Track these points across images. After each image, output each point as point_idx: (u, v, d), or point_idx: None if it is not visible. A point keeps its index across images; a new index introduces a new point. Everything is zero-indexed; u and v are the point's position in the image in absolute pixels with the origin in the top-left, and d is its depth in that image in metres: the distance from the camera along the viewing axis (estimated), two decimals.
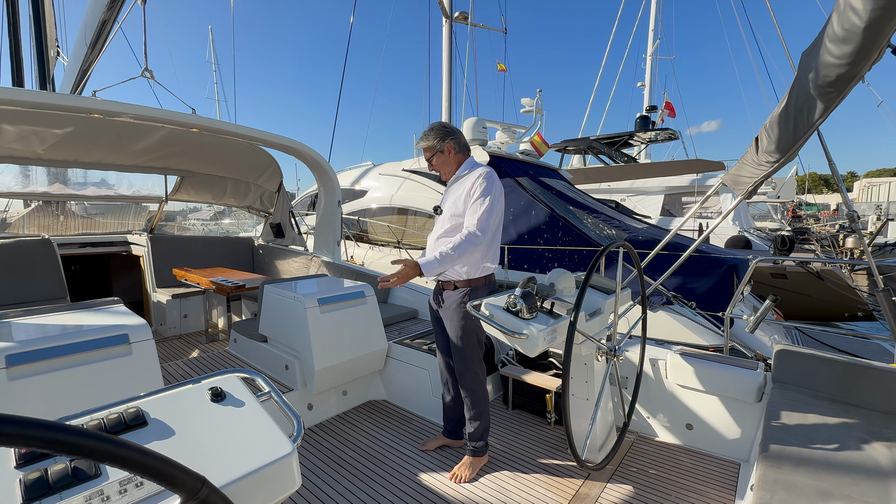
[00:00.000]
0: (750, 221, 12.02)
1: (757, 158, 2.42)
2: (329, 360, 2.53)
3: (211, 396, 0.92)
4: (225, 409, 0.90)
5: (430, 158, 2.17)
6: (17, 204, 7.59)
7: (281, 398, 1.00)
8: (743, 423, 2.20)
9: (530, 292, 1.74)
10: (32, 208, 6.87)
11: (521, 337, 1.63)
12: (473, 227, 1.96)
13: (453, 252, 1.93)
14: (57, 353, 1.62)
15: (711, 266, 4.63)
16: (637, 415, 2.49)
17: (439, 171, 2.20)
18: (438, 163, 2.17)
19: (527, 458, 2.25)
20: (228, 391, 0.94)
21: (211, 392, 0.92)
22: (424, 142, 2.17)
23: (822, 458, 1.46)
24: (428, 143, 2.15)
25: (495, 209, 2.02)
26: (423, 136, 2.18)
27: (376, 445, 2.36)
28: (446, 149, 2.13)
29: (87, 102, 2.77)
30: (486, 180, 2.02)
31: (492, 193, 2.00)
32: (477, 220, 1.96)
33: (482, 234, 1.96)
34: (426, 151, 2.18)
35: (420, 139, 2.19)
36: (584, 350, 2.01)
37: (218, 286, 3.51)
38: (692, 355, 2.37)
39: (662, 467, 2.14)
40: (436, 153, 2.15)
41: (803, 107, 1.86)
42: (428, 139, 2.15)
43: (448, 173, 2.18)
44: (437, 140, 2.13)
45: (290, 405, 0.99)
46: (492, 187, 2.01)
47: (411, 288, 3.81)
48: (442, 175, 2.21)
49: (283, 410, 0.98)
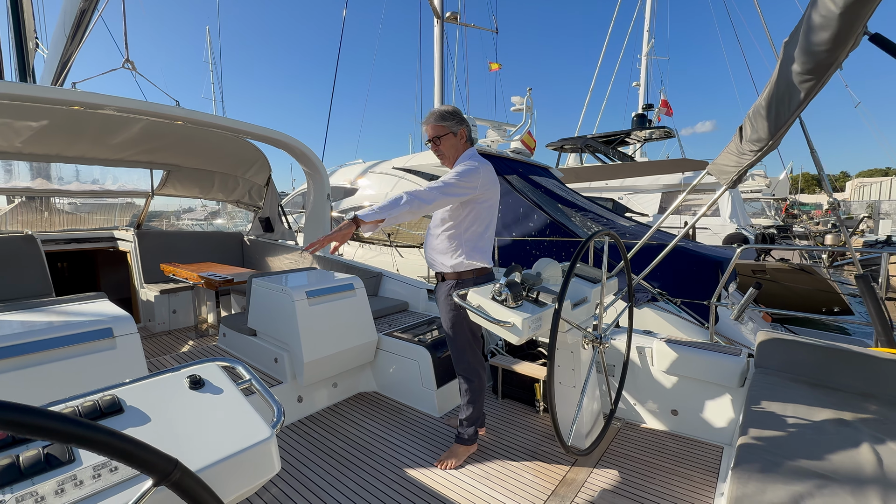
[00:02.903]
0: (747, 219, 12.14)
1: (741, 147, 2.46)
2: (318, 352, 2.53)
3: (189, 384, 0.91)
4: (203, 397, 0.90)
5: (440, 137, 2.04)
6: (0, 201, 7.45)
7: (262, 385, 1.00)
8: (726, 407, 2.23)
9: (515, 281, 1.75)
10: (16, 205, 6.75)
11: (506, 325, 1.64)
12: (424, 188, 1.87)
13: (390, 202, 1.80)
14: (39, 347, 1.59)
15: (696, 263, 4.70)
16: (624, 402, 2.52)
17: (442, 155, 2.08)
18: (447, 146, 2.06)
19: (515, 446, 2.26)
20: (207, 379, 0.94)
21: (189, 380, 0.92)
22: (442, 121, 2.03)
23: (799, 440, 1.49)
24: (445, 122, 2.03)
25: (458, 187, 1.91)
26: (441, 115, 2.04)
27: (365, 435, 2.36)
28: (460, 133, 2.07)
29: (66, 94, 2.72)
30: (468, 164, 1.97)
31: (463, 172, 1.93)
32: (430, 185, 1.88)
33: (427, 198, 1.84)
34: (438, 129, 2.04)
35: (435, 117, 2.04)
36: (571, 338, 2.02)
37: (206, 281, 3.48)
38: (677, 342, 2.40)
39: (648, 452, 2.17)
40: (449, 134, 2.04)
41: (784, 95, 1.89)
42: (445, 119, 2.04)
43: (451, 159, 2.08)
44: (455, 122, 2.05)
45: (270, 392, 0.99)
46: (468, 170, 1.94)
47: (402, 280, 3.81)
48: (443, 161, 2.11)
49: (263, 397, 0.98)
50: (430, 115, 2.08)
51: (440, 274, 2.14)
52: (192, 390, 0.90)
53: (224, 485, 0.78)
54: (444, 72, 10.06)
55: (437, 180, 1.94)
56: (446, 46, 10.39)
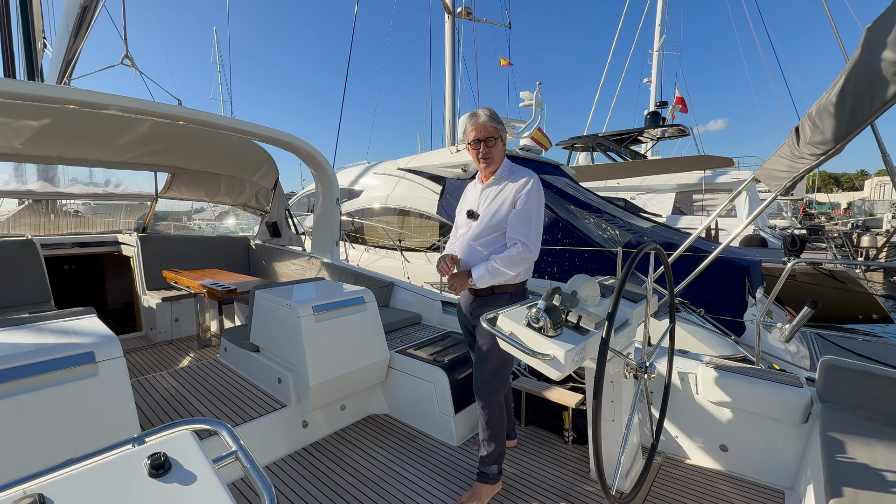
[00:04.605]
0: (765, 220, 11.70)
1: (799, 151, 2.18)
2: (325, 373, 2.31)
3: (149, 469, 0.69)
4: (166, 488, 0.67)
5: (490, 139, 1.90)
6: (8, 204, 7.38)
7: (250, 460, 0.77)
8: (786, 446, 1.97)
9: (556, 306, 1.51)
10: (21, 208, 6.66)
11: (546, 358, 1.40)
12: (527, 242, 1.86)
13: (505, 267, 1.85)
14: (9, 376, 1.39)
15: (721, 268, 4.33)
16: (665, 434, 2.26)
17: (490, 158, 1.92)
18: (498, 150, 1.93)
19: (542, 481, 2.02)
20: (175, 458, 0.71)
21: (150, 462, 0.69)
22: (496, 122, 1.90)
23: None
24: (498, 125, 1.91)
25: (541, 222, 1.92)
26: (494, 116, 1.92)
27: (375, 468, 2.14)
28: (503, 140, 1.96)
29: (63, 92, 2.54)
30: (537, 191, 1.89)
31: (540, 205, 1.91)
32: (531, 235, 1.87)
33: (534, 250, 1.88)
34: (492, 130, 1.89)
35: (488, 116, 1.91)
36: (612, 367, 1.78)
37: (209, 290, 3.29)
38: (725, 368, 2.14)
39: (696, 494, 1.92)
40: (499, 140, 1.93)
41: (865, 90, 1.62)
42: (498, 122, 1.92)
43: (493, 168, 1.94)
44: (503, 128, 1.94)
45: (260, 471, 0.76)
46: (541, 199, 1.91)
47: (414, 291, 3.58)
48: (486, 168, 1.95)
49: (251, 476, 0.75)
50: (480, 112, 1.93)
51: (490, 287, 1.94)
52: (153, 478, 0.68)
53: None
54: (455, 69, 9.81)
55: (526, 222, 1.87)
56: (457, 43, 10.15)
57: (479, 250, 1.93)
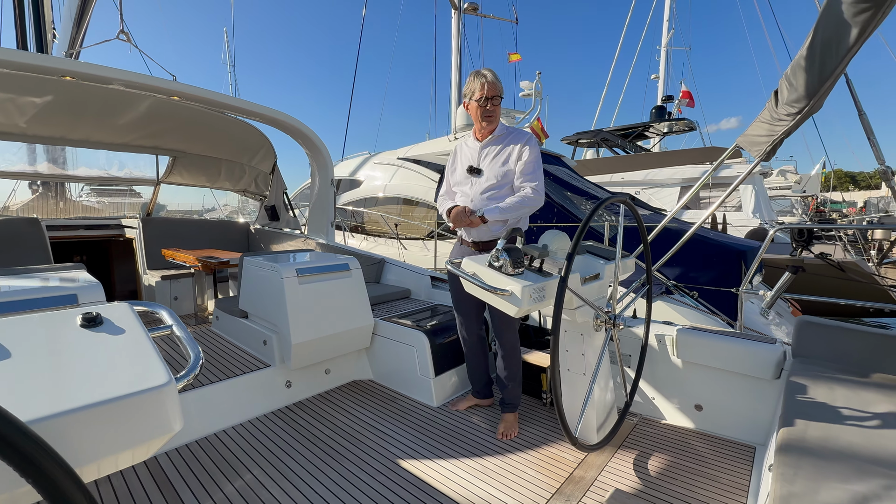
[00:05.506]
0: (772, 214, 11.47)
1: (776, 112, 2.19)
2: (308, 334, 2.36)
3: (82, 321, 0.74)
4: (95, 336, 0.73)
5: (496, 97, 2.07)
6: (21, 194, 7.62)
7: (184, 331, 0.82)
8: (759, 402, 1.97)
9: (516, 247, 1.55)
10: (34, 197, 6.88)
11: (504, 293, 1.43)
12: (536, 187, 2.04)
13: (516, 204, 2.02)
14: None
15: (717, 253, 4.32)
16: (641, 396, 2.27)
17: (492, 116, 2.09)
18: (498, 111, 2.12)
19: (518, 439, 2.05)
20: (109, 318, 0.77)
21: (83, 316, 0.75)
22: (499, 82, 2.07)
23: (851, 437, 1.24)
24: (501, 85, 2.09)
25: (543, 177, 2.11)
26: (495, 76, 2.08)
27: (355, 424, 2.19)
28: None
29: (65, 63, 2.65)
30: (537, 147, 2.10)
31: (540, 161, 2.10)
32: (538, 184, 2.04)
33: (540, 196, 2.05)
34: (497, 89, 2.07)
35: (493, 77, 2.06)
36: (580, 317, 1.80)
37: (203, 263, 3.38)
38: (702, 329, 2.15)
39: (668, 450, 1.93)
40: (500, 100, 2.10)
41: (833, 37, 1.63)
42: (499, 81, 2.09)
43: (492, 127, 2.13)
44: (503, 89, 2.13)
45: (192, 339, 0.81)
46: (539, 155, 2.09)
47: (405, 268, 3.63)
48: (487, 125, 2.12)
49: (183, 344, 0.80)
50: (486, 72, 2.08)
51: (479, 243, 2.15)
52: (85, 328, 0.74)
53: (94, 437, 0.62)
54: (462, 65, 9.85)
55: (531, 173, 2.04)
56: (464, 38, 10.20)
57: (489, 203, 2.08)
